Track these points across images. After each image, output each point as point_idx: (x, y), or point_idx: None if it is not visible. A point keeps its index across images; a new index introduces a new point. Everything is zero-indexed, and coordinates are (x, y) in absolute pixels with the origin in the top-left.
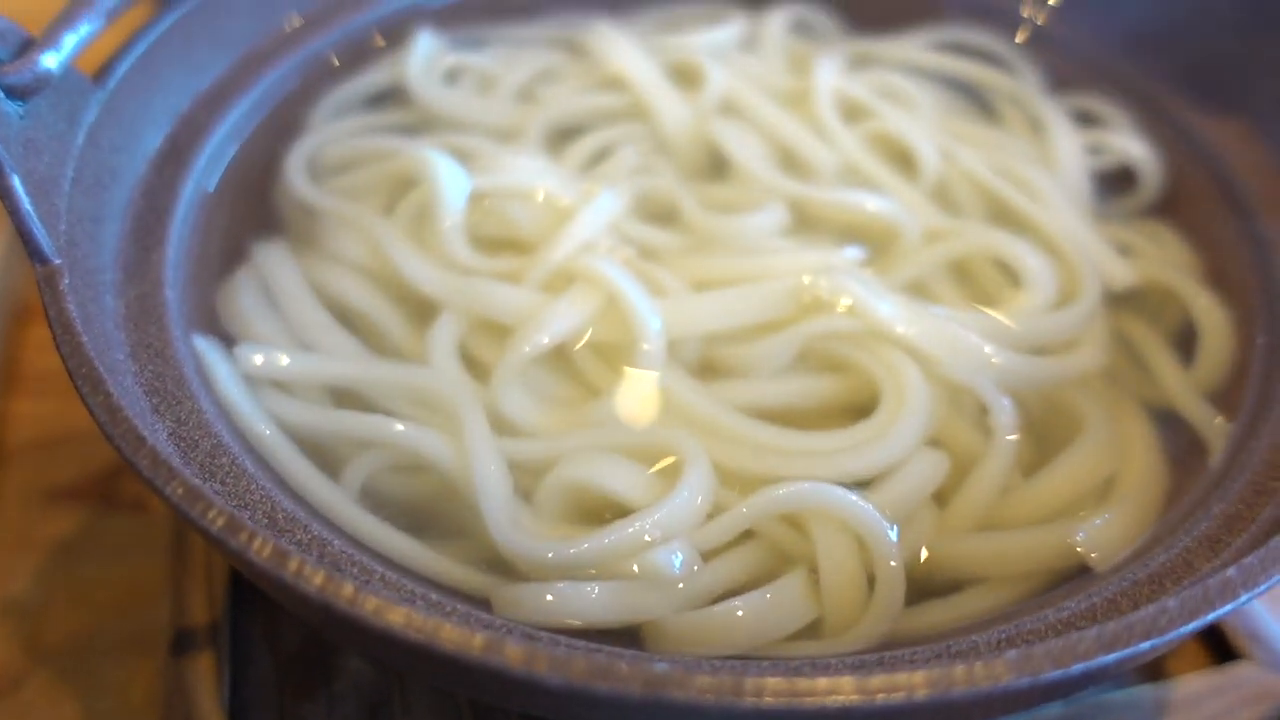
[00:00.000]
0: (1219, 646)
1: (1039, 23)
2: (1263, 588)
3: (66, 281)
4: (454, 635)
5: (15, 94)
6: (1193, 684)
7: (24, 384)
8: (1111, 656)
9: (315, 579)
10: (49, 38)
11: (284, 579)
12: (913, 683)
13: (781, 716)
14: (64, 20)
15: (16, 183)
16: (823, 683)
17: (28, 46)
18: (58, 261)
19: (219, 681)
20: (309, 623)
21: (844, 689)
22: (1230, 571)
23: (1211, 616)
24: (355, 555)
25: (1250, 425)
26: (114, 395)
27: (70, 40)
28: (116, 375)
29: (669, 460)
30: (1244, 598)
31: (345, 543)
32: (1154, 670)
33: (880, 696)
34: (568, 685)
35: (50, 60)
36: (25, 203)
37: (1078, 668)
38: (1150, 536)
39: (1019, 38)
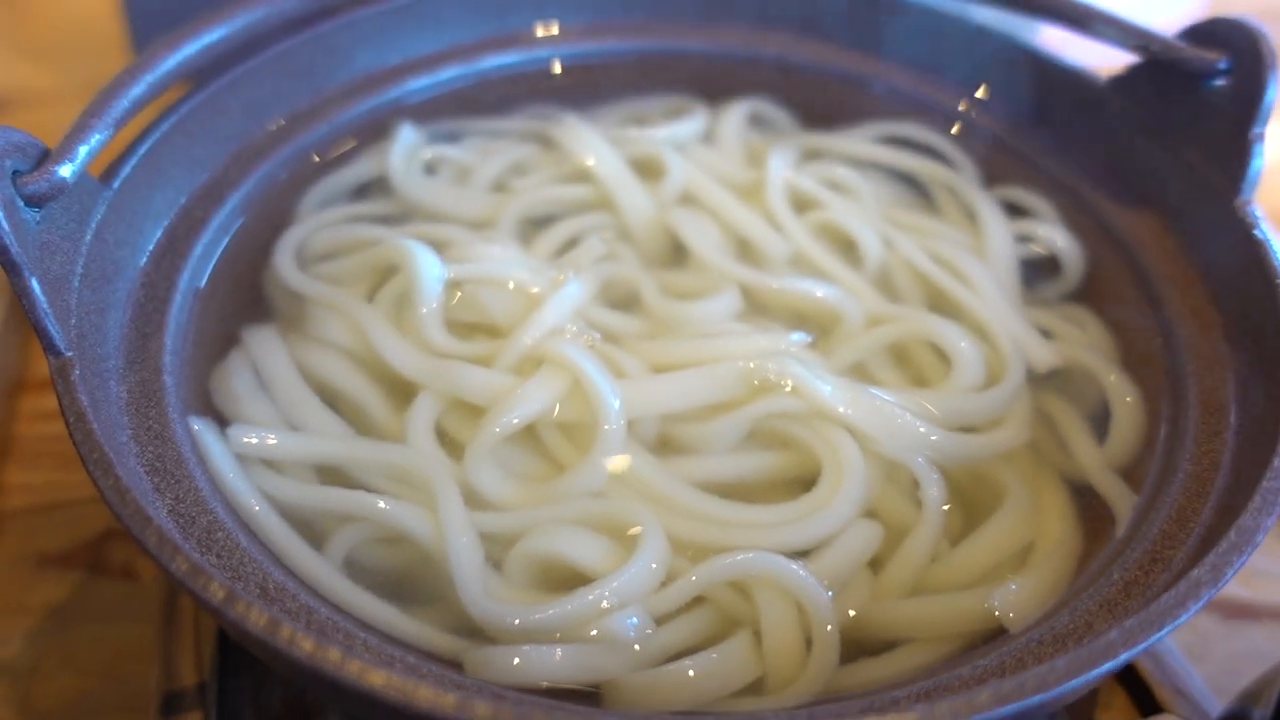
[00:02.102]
0: (1145, 701)
1: (969, 114)
2: (1139, 648)
3: (77, 373)
4: (429, 695)
5: (33, 202)
6: None
7: (15, 454)
8: (1005, 709)
9: (305, 645)
10: (64, 149)
11: (278, 647)
12: None
13: None
14: (77, 132)
15: (35, 285)
16: None
17: (44, 158)
18: (70, 354)
19: None
20: (298, 684)
21: None
22: (1112, 634)
23: (1095, 673)
24: (340, 622)
25: (1151, 498)
26: (122, 479)
27: (83, 151)
28: (122, 457)
29: (628, 531)
30: (1123, 656)
31: (330, 610)
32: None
33: None
34: None
35: (66, 170)
36: (42, 302)
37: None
38: (1060, 600)
39: (953, 130)
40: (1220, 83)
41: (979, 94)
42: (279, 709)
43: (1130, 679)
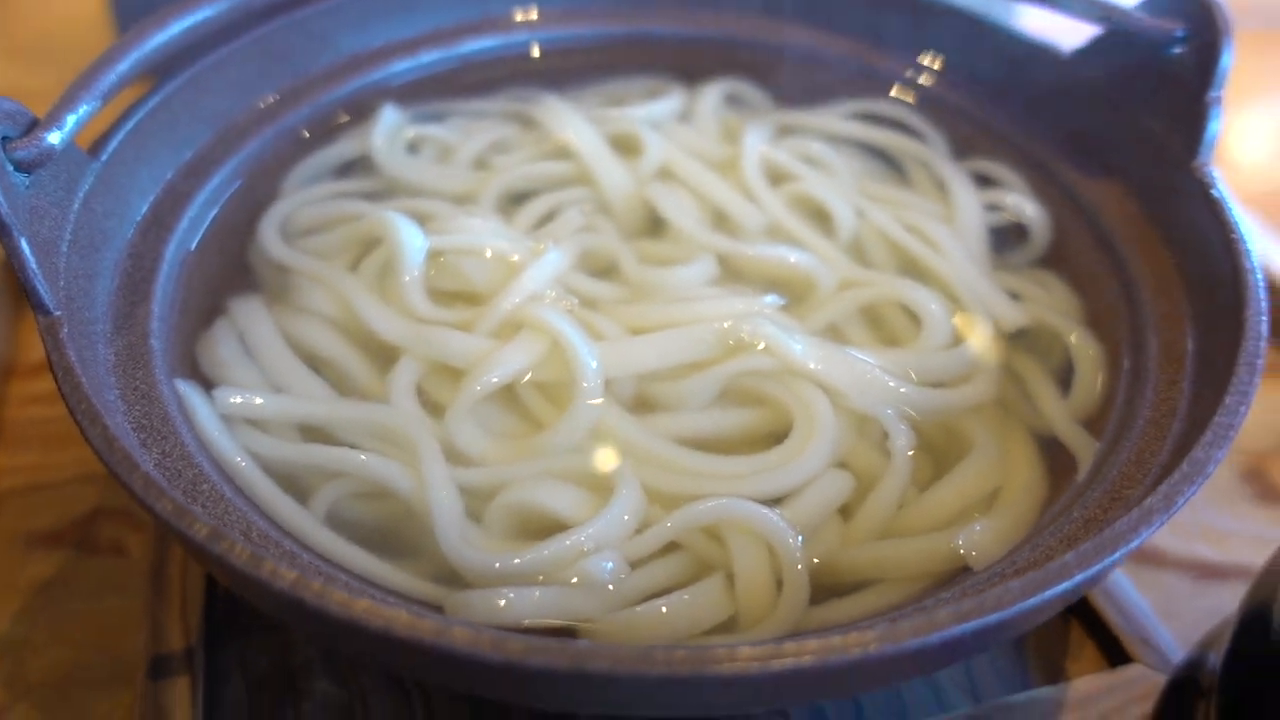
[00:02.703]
0: (1113, 651)
1: (939, 89)
2: (1094, 569)
3: (65, 331)
4: (407, 621)
5: (22, 167)
6: (1088, 685)
7: (5, 437)
8: (964, 627)
9: (288, 577)
10: (52, 117)
11: (260, 578)
12: (802, 649)
13: (686, 682)
14: (65, 102)
15: (24, 244)
16: (721, 650)
17: (33, 125)
18: (58, 313)
19: (194, 703)
20: (282, 620)
21: (741, 656)
22: (1068, 556)
23: (1050, 593)
24: (322, 567)
25: (1112, 443)
26: (109, 428)
27: (70, 120)
28: (110, 413)
29: (604, 483)
30: (1077, 578)
31: (313, 557)
32: (1053, 674)
33: (774, 663)
34: (505, 661)
35: (54, 138)
36: (31, 262)
37: (935, 637)
38: (1023, 539)
39: (924, 105)
40: (1177, 51)
41: (949, 70)
42: (266, 672)
43: (1099, 631)
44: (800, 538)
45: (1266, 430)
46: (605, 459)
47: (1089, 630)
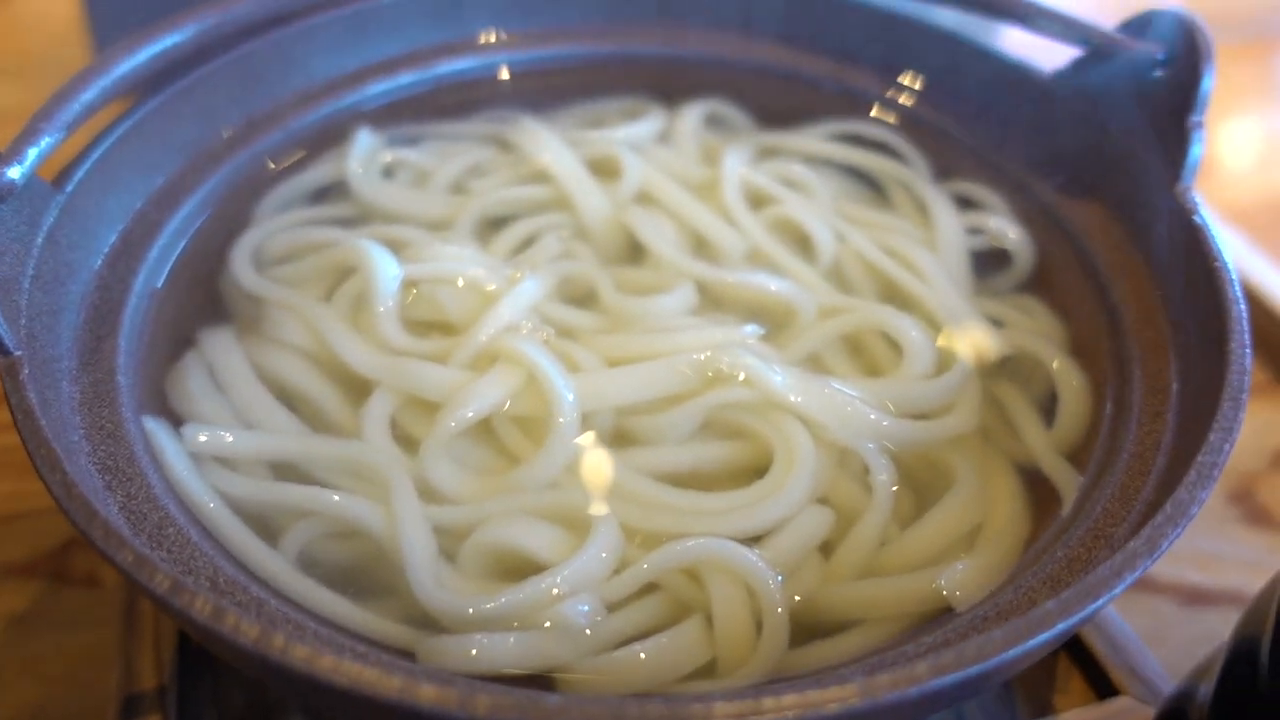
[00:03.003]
0: (1100, 683)
1: (920, 111)
2: (1075, 618)
3: (26, 372)
4: (374, 678)
5: None
6: (1076, 718)
7: None
8: (944, 680)
9: (251, 633)
10: (12, 151)
11: (222, 633)
12: (780, 705)
13: None
14: (26, 136)
15: None
16: (697, 708)
17: None
18: (19, 354)
19: None
20: (248, 673)
21: (717, 713)
22: (1049, 605)
23: (1031, 644)
24: (291, 614)
25: (1095, 478)
26: (69, 474)
27: (32, 153)
28: (72, 455)
29: (580, 521)
30: (1059, 627)
31: (282, 603)
32: (1041, 708)
33: (752, 717)
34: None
35: (14, 172)
36: None
37: (913, 691)
38: (1006, 579)
39: (905, 126)
40: (1158, 74)
41: (930, 92)
42: (240, 710)
43: (1086, 662)
44: (780, 578)
45: (1254, 452)
46: (582, 496)
47: (1076, 661)
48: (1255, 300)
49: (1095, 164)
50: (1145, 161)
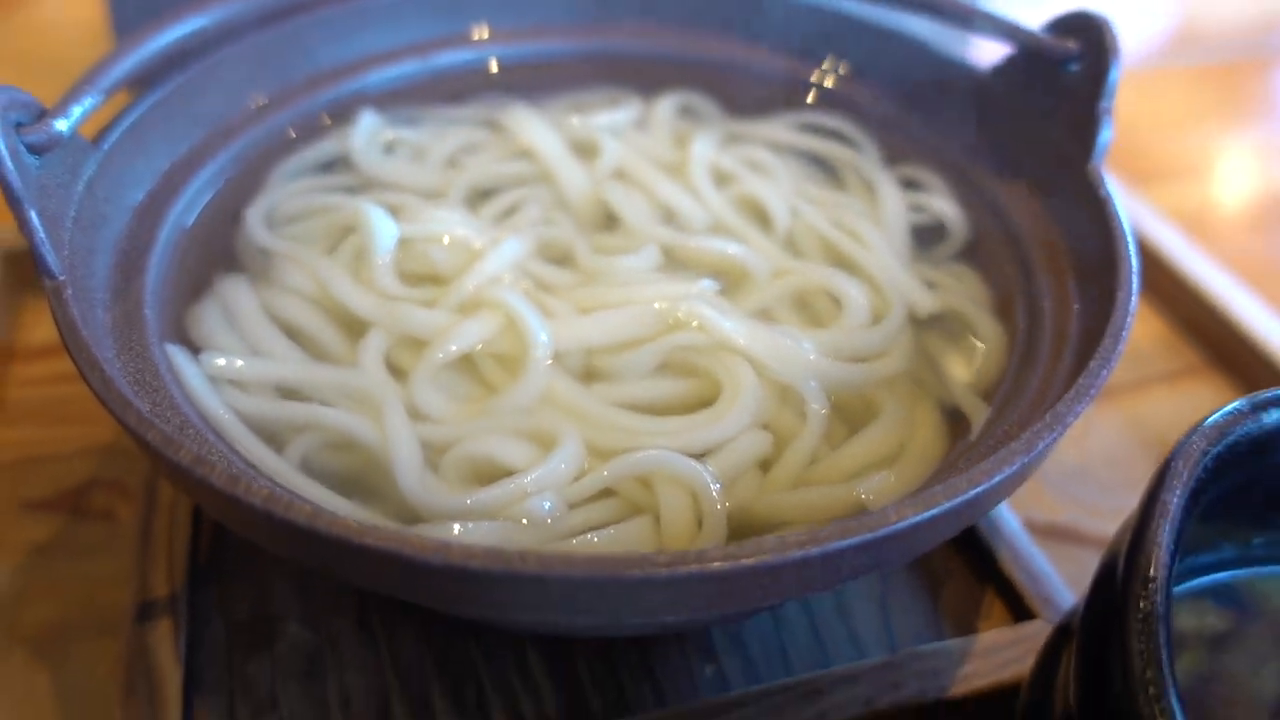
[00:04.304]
0: (1019, 610)
1: (874, 105)
2: (959, 500)
3: (69, 293)
4: (359, 528)
5: (33, 150)
6: (993, 637)
7: (4, 414)
8: (846, 542)
9: (261, 494)
10: (60, 107)
11: (236, 496)
12: (705, 557)
13: (594, 584)
14: (72, 95)
15: (34, 216)
16: (625, 557)
17: (43, 114)
18: (63, 278)
19: (177, 643)
20: (256, 540)
21: (645, 562)
22: (937, 488)
23: (916, 519)
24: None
25: (1001, 409)
26: (107, 372)
27: (76, 110)
28: (107, 365)
29: (549, 439)
30: (945, 505)
31: (286, 493)
32: (965, 631)
33: (680, 568)
34: (445, 564)
35: (61, 125)
36: (40, 231)
37: (815, 551)
38: (916, 489)
39: (860, 118)
40: (1075, 67)
41: (884, 88)
42: (244, 617)
43: (1009, 595)
44: (720, 485)
45: (1185, 425)
46: (552, 419)
47: (999, 593)
48: (1188, 287)
49: (1022, 148)
50: (1063, 145)
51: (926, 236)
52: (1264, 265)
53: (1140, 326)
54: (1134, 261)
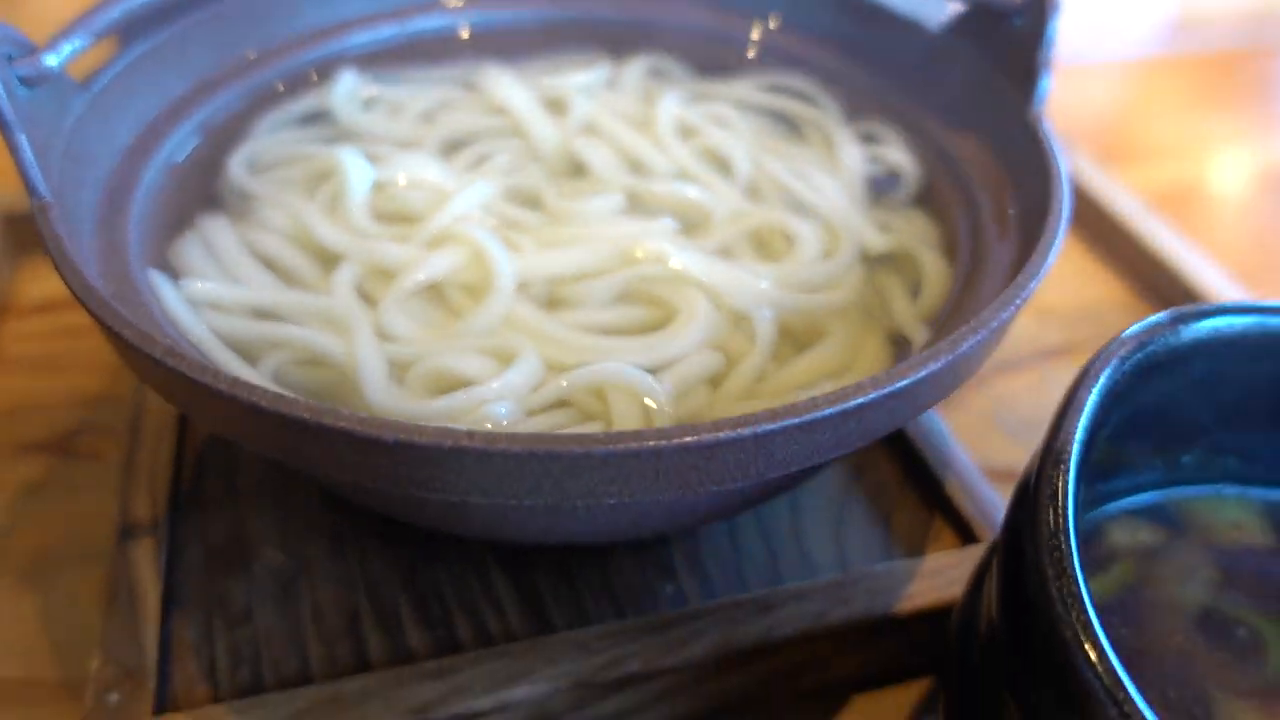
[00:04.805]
0: (967, 535)
1: (837, 64)
2: (887, 390)
3: (55, 212)
4: (314, 407)
5: (24, 83)
6: (940, 559)
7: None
8: (775, 425)
9: (225, 381)
10: (51, 45)
11: (205, 382)
12: (641, 435)
13: (536, 459)
14: (62, 35)
15: (23, 139)
16: (567, 435)
17: (34, 50)
18: (49, 199)
19: (157, 561)
20: (225, 428)
21: (585, 438)
22: (864, 380)
23: (844, 405)
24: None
25: (938, 330)
26: (89, 279)
27: (66, 48)
28: (90, 278)
29: (510, 355)
30: (873, 394)
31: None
32: (913, 550)
33: (618, 444)
34: (397, 440)
35: (51, 60)
36: (29, 154)
37: (746, 432)
38: None
39: (824, 78)
40: (1019, 21)
41: (845, 49)
42: (221, 541)
43: (958, 522)
44: (671, 396)
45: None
46: (513, 338)
47: (948, 521)
48: (1147, 251)
49: (974, 101)
50: (1009, 94)
51: (882, 185)
52: (1246, 241)
53: (1101, 289)
54: (1065, 187)
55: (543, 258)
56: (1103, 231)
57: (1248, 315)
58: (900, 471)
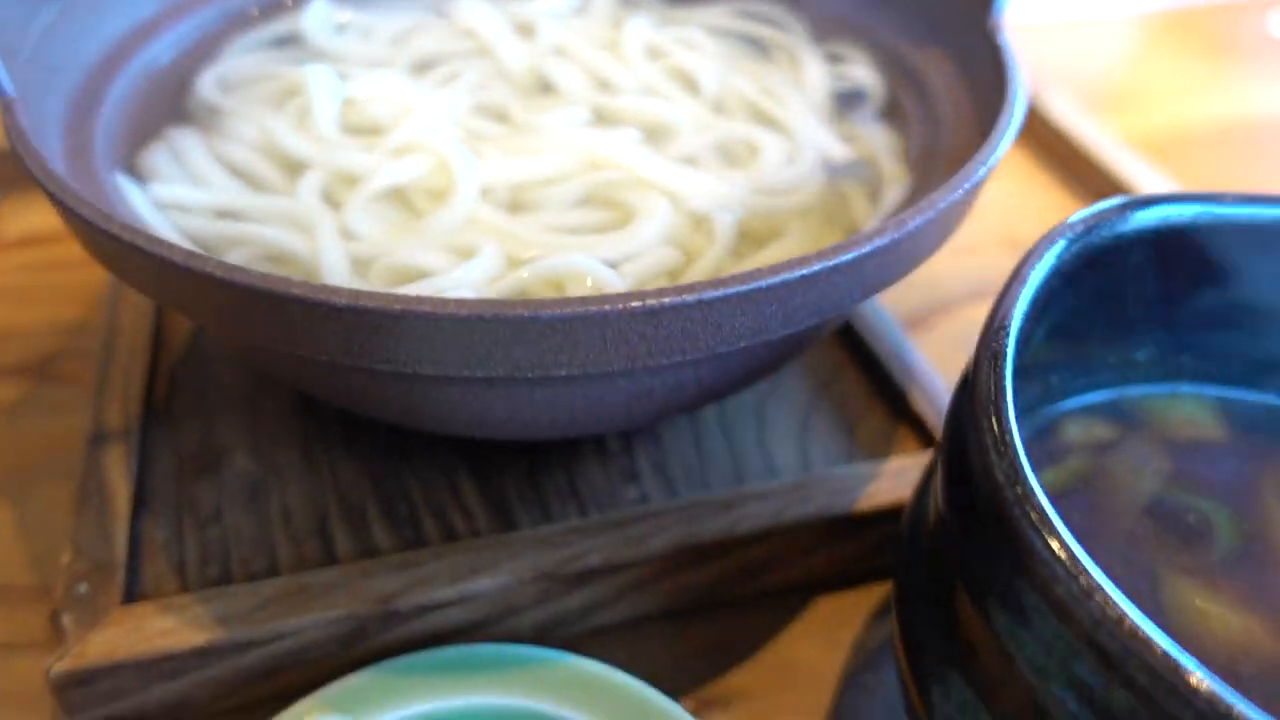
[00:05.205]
0: (928, 440)
1: None
2: (831, 263)
3: (20, 107)
4: (284, 279)
5: None
6: (901, 462)
7: None
8: (719, 292)
9: (180, 254)
10: None
11: (173, 259)
12: (587, 301)
13: (484, 322)
14: None
15: None
16: (514, 300)
17: None
18: (14, 95)
19: (129, 466)
20: (182, 304)
21: (532, 303)
22: (812, 253)
23: (789, 275)
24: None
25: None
26: (55, 172)
27: None
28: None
29: (472, 251)
30: (817, 266)
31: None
32: (877, 456)
33: (564, 308)
34: (349, 305)
35: None
36: None
37: (691, 298)
38: None
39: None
40: None
41: None
42: (194, 449)
43: (920, 428)
44: (628, 288)
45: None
46: (476, 235)
47: (912, 429)
48: (1116, 180)
49: (936, 16)
50: (970, 9)
51: (848, 102)
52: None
53: None
54: (1018, 86)
55: (507, 163)
56: (1079, 169)
57: (1197, 204)
58: (866, 383)
